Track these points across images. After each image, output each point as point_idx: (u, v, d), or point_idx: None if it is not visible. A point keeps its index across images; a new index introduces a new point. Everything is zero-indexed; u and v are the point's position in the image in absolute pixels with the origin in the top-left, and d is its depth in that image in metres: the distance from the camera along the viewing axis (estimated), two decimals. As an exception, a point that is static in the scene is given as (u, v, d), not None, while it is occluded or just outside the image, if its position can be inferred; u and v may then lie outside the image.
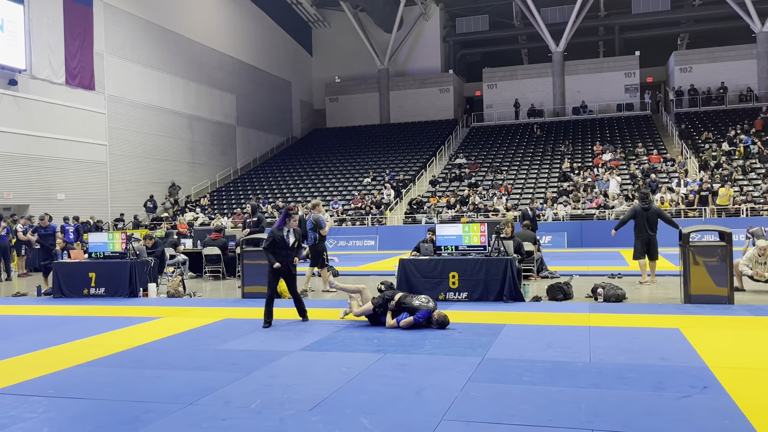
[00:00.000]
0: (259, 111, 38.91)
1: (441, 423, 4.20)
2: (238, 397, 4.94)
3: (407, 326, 7.49)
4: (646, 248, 11.38)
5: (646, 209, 11.40)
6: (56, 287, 11.81)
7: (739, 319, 7.73)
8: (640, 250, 11.40)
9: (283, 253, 8.19)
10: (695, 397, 4.63)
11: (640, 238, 11.34)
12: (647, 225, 11.34)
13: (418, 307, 7.59)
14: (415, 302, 7.67)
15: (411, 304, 7.64)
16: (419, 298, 7.81)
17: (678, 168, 26.67)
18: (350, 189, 30.97)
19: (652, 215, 11.38)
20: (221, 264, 14.44)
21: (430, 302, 7.72)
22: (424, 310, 7.54)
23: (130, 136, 28.35)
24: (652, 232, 11.33)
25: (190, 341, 7.27)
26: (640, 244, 11.38)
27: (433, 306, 7.68)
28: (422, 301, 7.70)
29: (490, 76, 40.85)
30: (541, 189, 27.40)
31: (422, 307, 7.58)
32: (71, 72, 25.18)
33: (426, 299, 7.77)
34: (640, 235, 11.34)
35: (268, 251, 8.21)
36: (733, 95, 35.41)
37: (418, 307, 7.59)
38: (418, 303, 7.65)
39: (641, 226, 11.36)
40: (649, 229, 11.33)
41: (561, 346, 6.40)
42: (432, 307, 7.62)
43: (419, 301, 7.70)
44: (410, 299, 7.76)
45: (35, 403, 4.94)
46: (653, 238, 11.35)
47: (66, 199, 24.70)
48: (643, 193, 11.91)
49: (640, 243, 11.37)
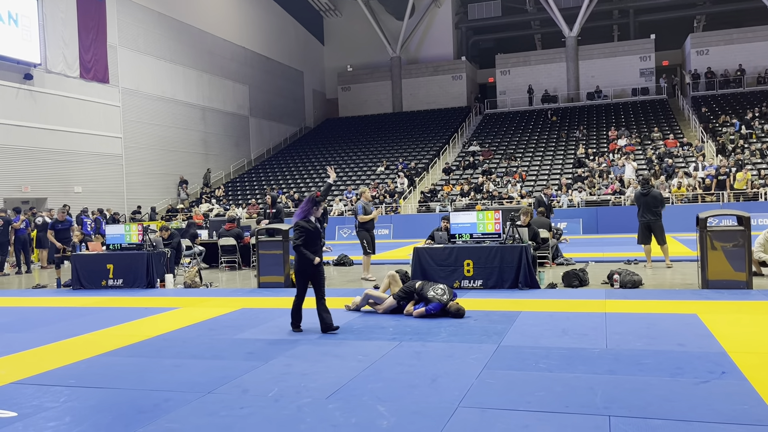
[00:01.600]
0: (271, 101, 38.95)
1: (457, 410, 4.22)
2: (255, 386, 4.98)
3: (419, 316, 7.50)
4: (648, 233, 11.49)
5: (645, 194, 11.54)
6: (75, 279, 11.97)
7: (757, 304, 7.65)
8: (642, 235, 11.63)
9: (315, 248, 7.04)
10: (713, 382, 4.60)
11: (641, 222, 11.53)
12: (646, 210, 11.50)
13: (431, 298, 7.56)
14: (429, 293, 7.62)
15: (426, 295, 7.64)
16: (436, 289, 7.70)
17: (695, 152, 26.35)
18: (363, 178, 30.95)
19: (651, 200, 11.48)
20: (237, 254, 14.54)
21: (446, 294, 7.60)
22: (435, 303, 7.51)
23: (144, 129, 28.54)
24: (652, 217, 11.44)
25: (207, 331, 7.34)
26: (640, 228, 11.60)
27: (447, 299, 7.57)
28: (437, 293, 7.62)
29: (503, 63, 40.53)
30: (555, 175, 27.22)
31: (435, 299, 7.54)
32: (85, 65, 25.35)
33: (442, 291, 7.66)
34: (641, 219, 11.54)
35: (302, 248, 6.92)
36: (751, 77, 34.86)
37: (431, 299, 7.55)
38: (432, 294, 7.59)
39: (641, 211, 11.54)
40: (649, 213, 11.46)
41: (577, 333, 6.38)
42: (446, 300, 7.54)
43: (434, 292, 7.63)
44: (427, 288, 7.72)
45: (57, 393, 5.03)
46: (654, 223, 11.44)
47: (83, 191, 24.96)
48: (643, 179, 12.02)
49: (641, 227, 11.59)
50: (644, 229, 11.55)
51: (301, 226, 6.89)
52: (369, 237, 11.77)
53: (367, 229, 11.76)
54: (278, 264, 10.90)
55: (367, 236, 11.75)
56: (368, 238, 11.76)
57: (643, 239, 11.60)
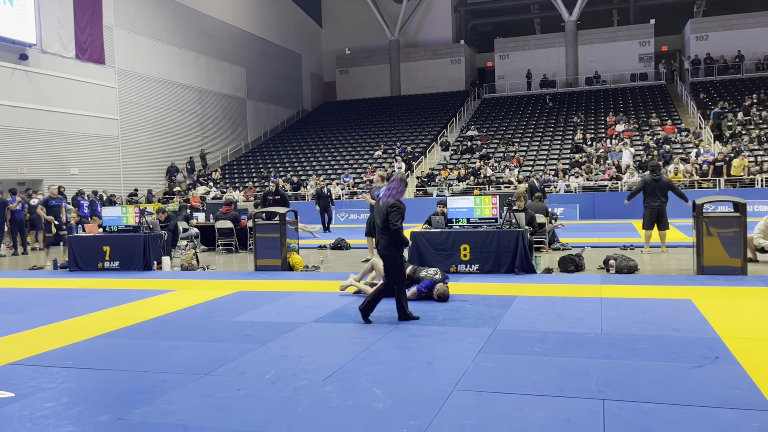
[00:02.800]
0: (269, 84, 38.73)
1: (453, 393, 4.25)
2: (252, 368, 5.01)
3: (412, 297, 7.53)
4: (655, 218, 11.50)
5: (657, 180, 11.51)
6: (71, 260, 11.97)
7: (752, 290, 7.70)
8: (650, 221, 11.55)
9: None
10: (707, 367, 4.64)
11: (649, 207, 11.51)
12: (657, 195, 11.51)
13: (422, 278, 7.67)
14: (421, 273, 7.75)
15: (418, 276, 7.72)
16: (428, 270, 7.85)
17: (692, 138, 26.33)
18: (361, 162, 30.89)
19: (663, 186, 11.51)
20: (234, 237, 14.54)
21: (437, 275, 7.72)
22: (427, 281, 7.59)
23: (140, 110, 28.38)
24: (663, 202, 11.44)
25: (204, 313, 7.36)
26: (649, 213, 11.58)
27: (439, 278, 7.66)
28: (430, 273, 7.76)
29: (502, 47, 40.30)
30: (553, 161, 27.20)
31: (426, 278, 7.65)
32: (81, 46, 25.13)
33: (434, 271, 7.81)
34: (650, 204, 11.48)
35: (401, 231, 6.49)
36: (750, 64, 34.76)
37: (423, 277, 7.67)
38: (424, 274, 7.74)
39: (650, 197, 11.46)
40: (660, 199, 11.50)
41: (572, 318, 6.42)
42: (437, 279, 7.62)
43: (426, 272, 7.78)
44: (419, 271, 7.83)
45: (54, 374, 5.05)
46: (663, 208, 11.46)
47: (79, 173, 24.87)
48: (654, 165, 11.94)
49: (650, 213, 11.54)
50: (653, 214, 11.52)
51: (399, 207, 6.50)
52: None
53: None
54: (275, 247, 10.91)
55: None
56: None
57: (650, 225, 11.61)
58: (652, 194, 11.54)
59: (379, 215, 6.53)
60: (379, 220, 6.51)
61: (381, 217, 6.49)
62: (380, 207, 6.53)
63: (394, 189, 6.56)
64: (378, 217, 6.55)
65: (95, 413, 4.09)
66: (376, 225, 6.61)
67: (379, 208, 6.55)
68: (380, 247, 6.51)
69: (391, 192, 6.55)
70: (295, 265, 10.93)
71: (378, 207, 6.58)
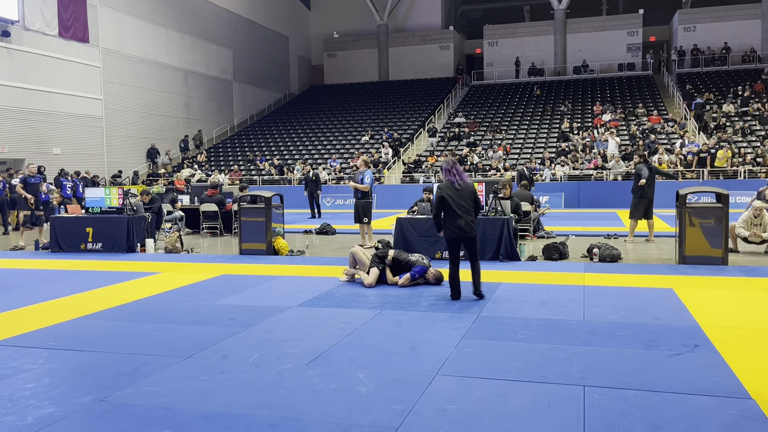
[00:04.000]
0: (256, 66, 38.36)
1: (436, 378, 4.28)
2: (236, 351, 5.00)
3: (406, 283, 7.57)
4: (645, 209, 11.55)
5: (650, 169, 11.57)
6: (54, 241, 11.85)
7: (732, 279, 7.81)
8: (643, 211, 11.53)
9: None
10: (686, 355, 4.71)
11: (646, 198, 11.44)
12: (652, 183, 11.57)
13: (414, 262, 7.72)
14: (411, 258, 7.79)
15: (408, 260, 7.74)
16: (414, 255, 7.93)
17: (677, 129, 26.52)
18: (348, 147, 30.79)
19: (653, 174, 11.61)
20: (218, 220, 14.46)
21: (425, 259, 7.85)
22: (420, 266, 7.67)
23: (125, 91, 28.01)
24: (652, 193, 11.54)
25: (188, 296, 7.33)
26: (644, 204, 11.48)
27: (428, 263, 7.81)
28: (417, 257, 7.83)
29: (491, 33, 40.19)
30: (539, 149, 27.28)
31: (418, 262, 7.72)
32: (64, 24, 24.70)
33: (420, 256, 7.89)
34: (647, 194, 11.44)
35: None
36: (736, 56, 34.98)
37: (415, 262, 7.72)
38: (414, 259, 7.78)
39: (649, 185, 11.48)
40: (652, 189, 11.58)
41: (555, 305, 6.47)
42: (427, 264, 7.76)
43: (414, 257, 7.83)
44: (405, 255, 7.87)
45: (36, 355, 5.01)
46: (653, 197, 11.56)
47: (62, 153, 24.54)
48: (643, 155, 12.02)
49: (645, 203, 11.47)
50: (647, 204, 11.52)
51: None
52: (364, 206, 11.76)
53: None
54: (260, 231, 10.87)
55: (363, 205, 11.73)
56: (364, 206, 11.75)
57: (641, 215, 11.57)
58: (650, 183, 11.57)
59: (464, 198, 6.63)
60: (465, 202, 6.62)
61: (468, 198, 6.65)
62: (465, 189, 6.66)
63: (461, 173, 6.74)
64: (462, 200, 6.62)
65: (77, 394, 4.07)
66: (454, 207, 6.59)
67: (462, 191, 6.64)
68: (471, 228, 6.63)
69: (461, 176, 6.72)
70: (280, 249, 10.91)
71: (460, 190, 6.64)
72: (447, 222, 6.66)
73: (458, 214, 6.61)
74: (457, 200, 6.63)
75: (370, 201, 11.90)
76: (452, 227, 6.64)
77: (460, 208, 6.62)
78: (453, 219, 6.61)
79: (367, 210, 11.74)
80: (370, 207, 11.83)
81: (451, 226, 6.65)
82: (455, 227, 6.62)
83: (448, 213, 6.64)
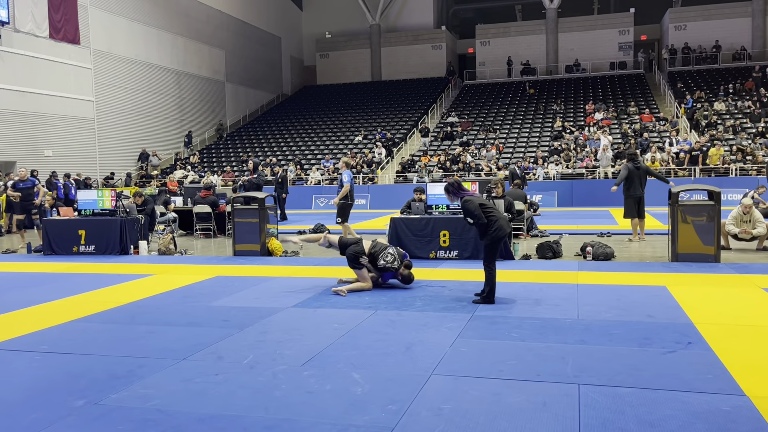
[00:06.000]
0: (248, 67, 38.28)
1: (431, 378, 4.28)
2: (230, 353, 4.99)
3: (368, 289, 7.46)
4: (636, 207, 11.59)
5: (638, 168, 11.59)
6: (46, 244, 11.78)
7: (724, 277, 7.85)
8: (633, 209, 11.60)
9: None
10: (680, 352, 4.73)
11: (632, 197, 11.54)
12: (639, 184, 11.55)
13: (382, 267, 7.45)
14: (380, 261, 7.44)
15: (377, 263, 7.46)
16: (386, 256, 7.47)
17: (669, 127, 26.64)
18: (341, 147, 30.77)
19: (642, 174, 11.62)
20: (212, 222, 14.42)
21: (396, 261, 7.46)
22: (389, 273, 7.50)
23: (117, 92, 27.89)
24: (642, 191, 11.56)
25: (182, 298, 7.30)
26: (632, 203, 11.57)
27: (399, 264, 7.47)
28: (387, 260, 7.45)
29: (483, 33, 40.26)
30: (532, 148, 27.35)
31: (386, 268, 7.45)
32: (55, 25, 24.58)
33: (392, 257, 7.48)
34: (633, 194, 11.53)
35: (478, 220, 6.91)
36: (727, 54, 35.17)
37: (383, 267, 7.45)
38: (383, 263, 7.44)
39: (636, 186, 11.53)
40: (641, 187, 11.57)
41: (549, 304, 6.49)
42: (396, 266, 7.46)
43: (384, 260, 7.45)
44: (378, 255, 7.48)
45: (29, 358, 4.98)
46: (643, 197, 11.58)
47: (54, 155, 24.42)
48: (632, 153, 12.05)
49: (633, 202, 11.56)
50: (635, 203, 11.57)
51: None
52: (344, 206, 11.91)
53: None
54: (254, 232, 10.86)
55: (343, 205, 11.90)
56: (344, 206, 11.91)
57: (632, 213, 11.66)
58: (634, 182, 11.61)
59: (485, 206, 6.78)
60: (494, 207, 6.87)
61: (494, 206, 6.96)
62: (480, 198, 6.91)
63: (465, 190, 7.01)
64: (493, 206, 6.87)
65: (70, 398, 4.05)
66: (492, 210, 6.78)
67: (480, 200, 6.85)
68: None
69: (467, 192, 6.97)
70: (274, 250, 10.89)
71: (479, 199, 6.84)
72: (494, 223, 6.62)
73: (499, 213, 6.78)
74: (488, 205, 6.78)
75: (348, 203, 11.98)
76: (503, 226, 6.63)
77: (495, 208, 6.81)
78: (498, 219, 6.64)
79: (345, 210, 11.86)
80: (346, 208, 11.93)
81: (501, 225, 6.61)
82: (504, 225, 6.66)
83: (491, 216, 6.66)
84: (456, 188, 6.99)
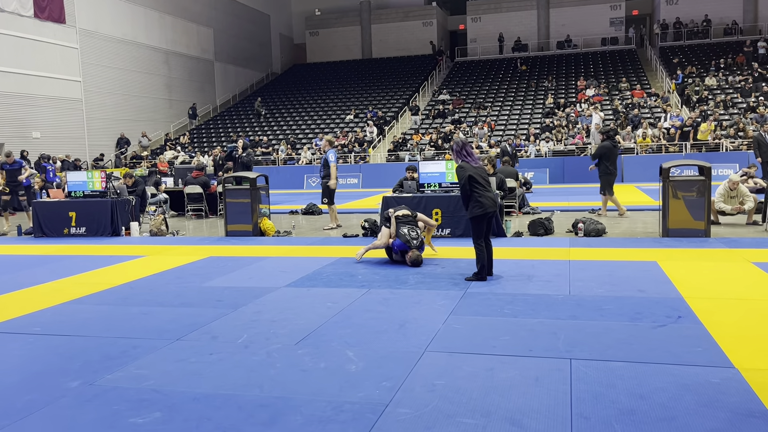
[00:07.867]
0: (237, 46, 37.85)
1: (424, 354, 4.31)
2: (224, 333, 5.01)
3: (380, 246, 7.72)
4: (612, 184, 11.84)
5: (615, 146, 11.80)
6: (36, 227, 11.72)
7: (714, 251, 7.91)
8: (611, 185, 11.75)
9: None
10: (670, 326, 4.78)
11: (614, 173, 11.70)
12: (615, 161, 11.90)
13: (399, 235, 7.60)
14: (403, 229, 7.62)
15: (399, 230, 7.65)
16: (412, 231, 7.61)
17: (660, 103, 26.63)
18: (332, 126, 30.60)
19: (618, 153, 11.87)
20: (203, 202, 14.37)
21: (413, 241, 7.56)
22: (401, 241, 7.56)
23: (104, 72, 27.55)
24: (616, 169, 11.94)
25: (174, 279, 7.30)
26: (612, 180, 11.72)
27: (415, 245, 7.55)
28: (411, 235, 7.58)
29: (474, 9, 39.90)
30: (524, 125, 27.30)
31: (403, 237, 7.56)
32: (39, 4, 24.16)
33: (415, 235, 7.60)
34: (614, 170, 11.72)
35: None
36: (718, 29, 35.05)
37: (398, 235, 7.61)
38: (404, 233, 7.59)
39: (613, 163, 11.70)
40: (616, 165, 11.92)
41: (541, 280, 6.53)
42: (413, 246, 7.53)
43: (405, 231, 7.60)
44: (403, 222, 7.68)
45: (22, 341, 4.98)
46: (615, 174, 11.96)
47: (42, 137, 24.17)
48: (612, 131, 12.18)
49: (612, 179, 11.71)
50: (613, 180, 11.77)
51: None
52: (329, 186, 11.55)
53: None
54: (246, 212, 10.83)
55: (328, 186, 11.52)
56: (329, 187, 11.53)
57: (611, 190, 11.77)
58: (613, 160, 11.74)
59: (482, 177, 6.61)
60: (484, 180, 6.62)
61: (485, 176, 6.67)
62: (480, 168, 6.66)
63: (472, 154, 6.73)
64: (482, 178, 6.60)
65: (65, 379, 4.06)
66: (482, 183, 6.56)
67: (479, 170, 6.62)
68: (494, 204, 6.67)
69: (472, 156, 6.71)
70: (267, 230, 10.88)
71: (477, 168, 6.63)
72: (475, 200, 6.52)
73: (486, 190, 6.57)
74: (478, 178, 6.58)
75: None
76: (484, 203, 6.51)
77: (486, 185, 6.59)
78: (481, 197, 6.52)
79: (331, 192, 11.43)
80: (332, 190, 11.48)
81: (482, 203, 6.50)
82: (486, 203, 6.51)
83: (476, 191, 6.52)
84: (458, 148, 6.72)
